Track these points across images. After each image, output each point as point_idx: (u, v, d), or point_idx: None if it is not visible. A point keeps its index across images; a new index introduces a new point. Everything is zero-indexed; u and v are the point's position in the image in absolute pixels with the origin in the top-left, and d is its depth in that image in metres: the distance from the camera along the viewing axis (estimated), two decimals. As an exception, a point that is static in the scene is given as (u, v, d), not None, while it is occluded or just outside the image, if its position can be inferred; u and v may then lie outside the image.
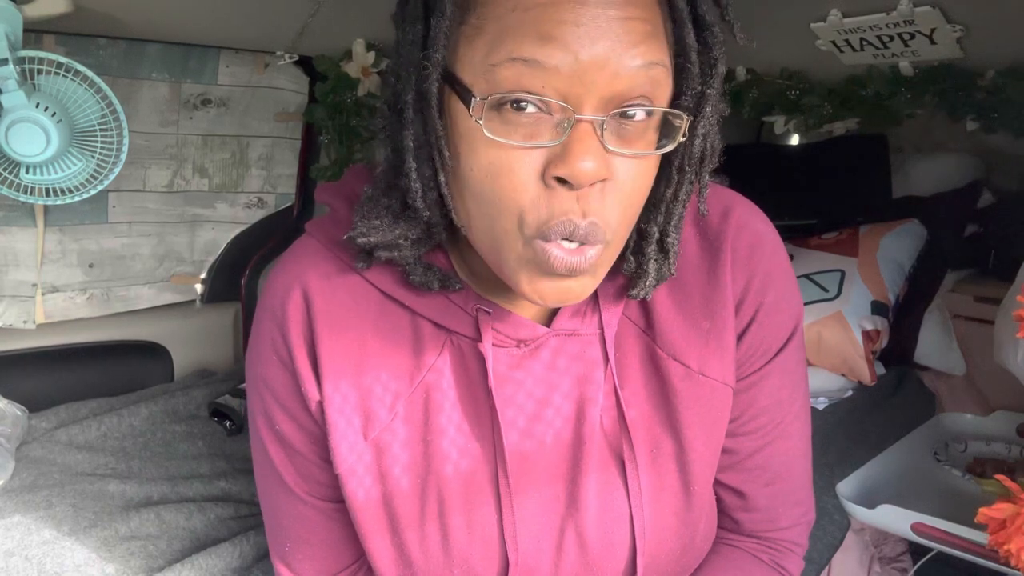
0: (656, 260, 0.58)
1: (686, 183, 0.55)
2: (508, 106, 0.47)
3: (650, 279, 0.59)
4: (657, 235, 0.57)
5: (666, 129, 0.51)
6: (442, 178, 0.53)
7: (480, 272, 0.60)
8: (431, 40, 0.49)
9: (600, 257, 0.51)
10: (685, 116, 0.50)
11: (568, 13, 0.46)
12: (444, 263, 0.61)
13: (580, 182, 0.47)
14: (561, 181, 0.48)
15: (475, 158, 0.49)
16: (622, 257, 0.58)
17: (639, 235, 0.57)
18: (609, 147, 0.48)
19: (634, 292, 0.60)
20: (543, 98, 0.47)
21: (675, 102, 0.51)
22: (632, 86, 0.47)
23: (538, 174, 0.48)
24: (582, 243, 0.49)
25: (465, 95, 0.48)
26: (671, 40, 0.50)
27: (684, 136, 0.51)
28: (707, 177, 0.56)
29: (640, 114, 0.49)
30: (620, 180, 0.49)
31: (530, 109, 0.47)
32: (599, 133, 0.47)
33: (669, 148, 0.51)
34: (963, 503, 1.07)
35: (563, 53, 0.46)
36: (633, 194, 0.51)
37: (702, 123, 0.52)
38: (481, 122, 0.48)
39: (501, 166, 0.48)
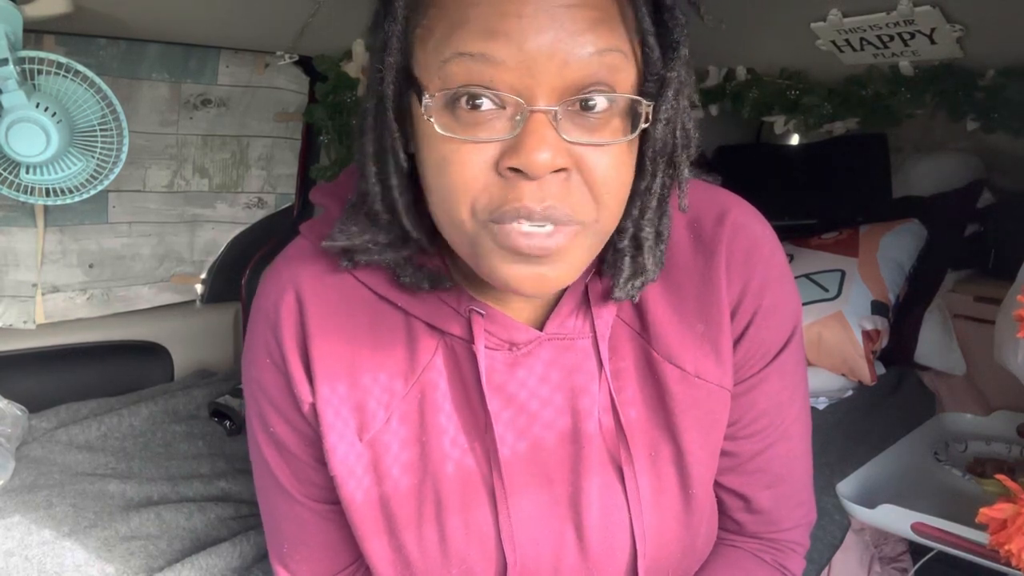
0: (631, 256, 0.57)
1: (659, 175, 0.54)
2: (461, 102, 0.48)
3: (625, 275, 0.57)
4: (631, 230, 0.56)
5: (633, 117, 0.50)
6: (394, 181, 0.53)
7: (472, 274, 0.60)
8: (385, 45, 0.50)
9: (572, 240, 0.50)
10: (645, 102, 0.49)
11: (511, 5, 0.46)
12: (437, 265, 0.61)
13: (535, 172, 0.46)
14: (517, 172, 0.47)
15: (430, 155, 0.50)
16: (604, 258, 0.57)
17: (616, 232, 0.56)
18: (565, 137, 0.47)
19: (616, 293, 0.59)
20: (495, 92, 0.47)
21: (640, 89, 0.51)
22: (586, 74, 0.47)
23: (490, 166, 0.48)
24: (541, 224, 0.49)
25: (420, 95, 0.49)
26: (633, 26, 0.49)
27: (647, 122, 0.50)
28: (686, 170, 0.55)
29: (601, 102, 0.48)
30: (587, 169, 0.49)
31: (484, 105, 0.47)
32: (554, 123, 0.47)
33: (632, 136, 0.50)
34: (963, 503, 1.07)
35: (508, 46, 0.46)
36: (606, 183, 0.49)
37: (664, 107, 0.51)
38: (432, 119, 0.48)
39: (452, 160, 0.48)
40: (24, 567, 1.01)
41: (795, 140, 2.12)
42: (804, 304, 1.44)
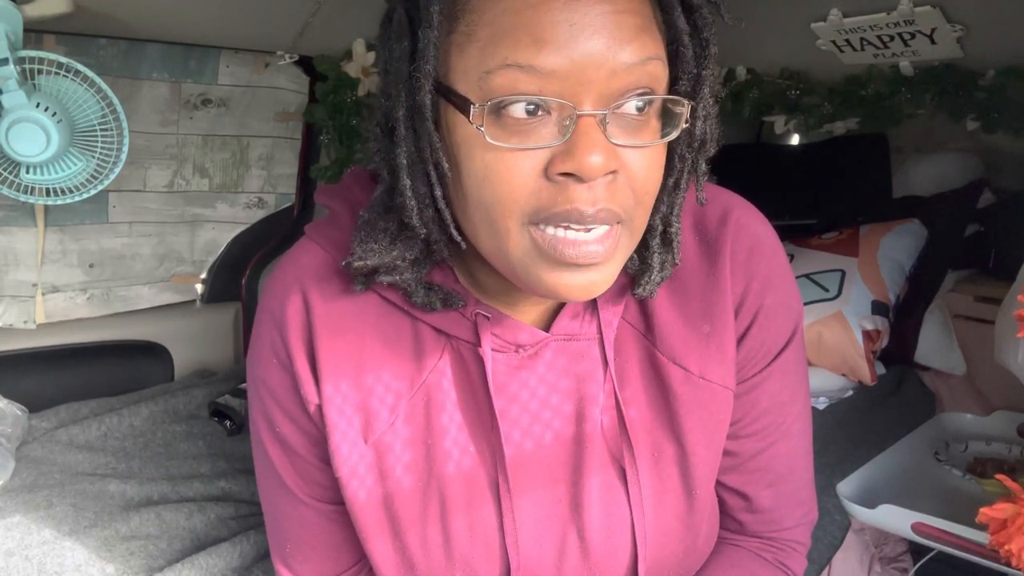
0: (660, 253, 0.58)
1: (687, 171, 0.55)
2: (507, 110, 0.47)
3: (655, 273, 0.58)
4: (661, 227, 0.57)
5: (667, 117, 0.51)
6: (438, 192, 0.52)
7: (482, 280, 0.60)
8: (420, 53, 0.48)
9: (618, 240, 0.50)
10: (686, 102, 0.50)
11: (560, 13, 0.45)
12: (444, 276, 0.60)
13: (589, 175, 0.47)
14: (568, 176, 0.47)
15: (473, 164, 0.49)
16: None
17: (647, 230, 0.56)
18: (613, 140, 0.47)
19: (639, 290, 0.59)
20: (543, 98, 0.47)
21: (672, 88, 0.51)
22: (630, 82, 0.47)
23: (539, 172, 0.48)
24: (592, 226, 0.49)
25: (462, 104, 0.48)
26: (662, 28, 0.50)
27: (687, 122, 0.51)
28: (704, 165, 0.56)
29: (642, 105, 0.49)
30: (631, 171, 0.49)
31: (530, 110, 0.47)
32: (602, 127, 0.47)
33: (675, 135, 0.51)
34: (964, 503, 1.07)
35: (557, 55, 0.45)
36: (646, 182, 0.50)
37: (702, 106, 0.52)
38: (482, 128, 0.47)
39: (497, 168, 0.48)
40: (24, 567, 1.01)
41: (795, 140, 2.12)
42: (804, 304, 1.44)
